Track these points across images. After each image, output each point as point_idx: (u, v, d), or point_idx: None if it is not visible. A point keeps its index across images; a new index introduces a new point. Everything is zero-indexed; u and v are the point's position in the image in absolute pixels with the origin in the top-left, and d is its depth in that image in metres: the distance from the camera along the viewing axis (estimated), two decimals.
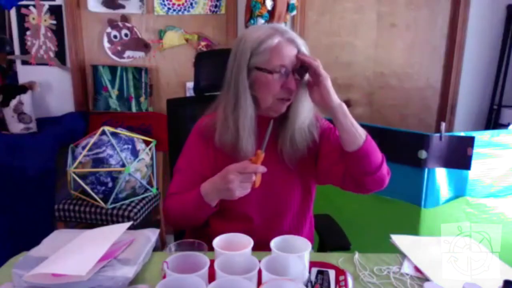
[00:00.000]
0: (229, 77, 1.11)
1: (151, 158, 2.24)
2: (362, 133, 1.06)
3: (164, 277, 0.85)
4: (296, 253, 0.89)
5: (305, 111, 1.13)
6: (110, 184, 2.04)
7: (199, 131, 1.18)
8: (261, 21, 2.25)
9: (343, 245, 1.30)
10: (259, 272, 0.81)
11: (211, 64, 1.48)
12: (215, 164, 1.14)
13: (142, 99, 2.58)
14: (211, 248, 0.92)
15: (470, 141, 1.70)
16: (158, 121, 2.50)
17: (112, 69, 2.55)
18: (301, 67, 1.08)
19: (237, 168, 0.99)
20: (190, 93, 2.58)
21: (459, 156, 1.71)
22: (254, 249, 0.92)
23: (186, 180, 1.16)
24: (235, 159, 1.06)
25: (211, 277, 0.83)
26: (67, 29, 2.49)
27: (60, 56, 2.54)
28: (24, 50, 2.52)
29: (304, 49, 1.10)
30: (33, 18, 2.48)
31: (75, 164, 2.03)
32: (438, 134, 1.72)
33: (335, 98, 1.05)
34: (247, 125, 1.10)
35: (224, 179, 1.00)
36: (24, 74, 2.54)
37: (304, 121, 1.13)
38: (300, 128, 1.13)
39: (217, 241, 0.93)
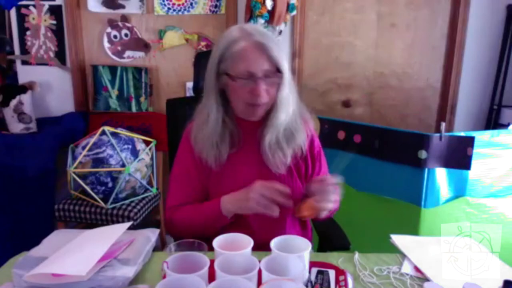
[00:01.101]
0: (205, 82, 1.12)
1: (151, 158, 2.24)
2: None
3: (164, 277, 0.85)
4: (296, 253, 0.89)
5: (282, 117, 1.09)
6: (110, 184, 2.04)
7: (188, 137, 1.18)
8: (261, 21, 2.25)
9: (343, 245, 1.29)
10: (259, 272, 0.81)
11: None
12: (209, 169, 1.13)
13: (142, 99, 2.58)
14: (211, 248, 0.92)
15: (470, 141, 1.70)
16: (158, 121, 2.50)
17: (112, 69, 2.55)
18: (273, 72, 1.03)
19: (264, 183, 1.02)
20: (190, 93, 2.57)
21: (459, 156, 1.71)
22: (254, 249, 0.92)
23: (186, 189, 1.16)
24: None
25: (211, 277, 0.83)
26: (67, 29, 2.49)
27: (60, 56, 2.54)
28: (24, 50, 2.52)
29: (276, 52, 1.03)
30: (33, 18, 2.48)
31: (75, 164, 2.03)
32: (438, 134, 1.71)
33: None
34: (211, 129, 1.10)
35: (248, 188, 1.03)
36: (24, 74, 2.54)
37: (280, 127, 1.10)
38: (277, 133, 1.10)
39: (217, 241, 0.93)
